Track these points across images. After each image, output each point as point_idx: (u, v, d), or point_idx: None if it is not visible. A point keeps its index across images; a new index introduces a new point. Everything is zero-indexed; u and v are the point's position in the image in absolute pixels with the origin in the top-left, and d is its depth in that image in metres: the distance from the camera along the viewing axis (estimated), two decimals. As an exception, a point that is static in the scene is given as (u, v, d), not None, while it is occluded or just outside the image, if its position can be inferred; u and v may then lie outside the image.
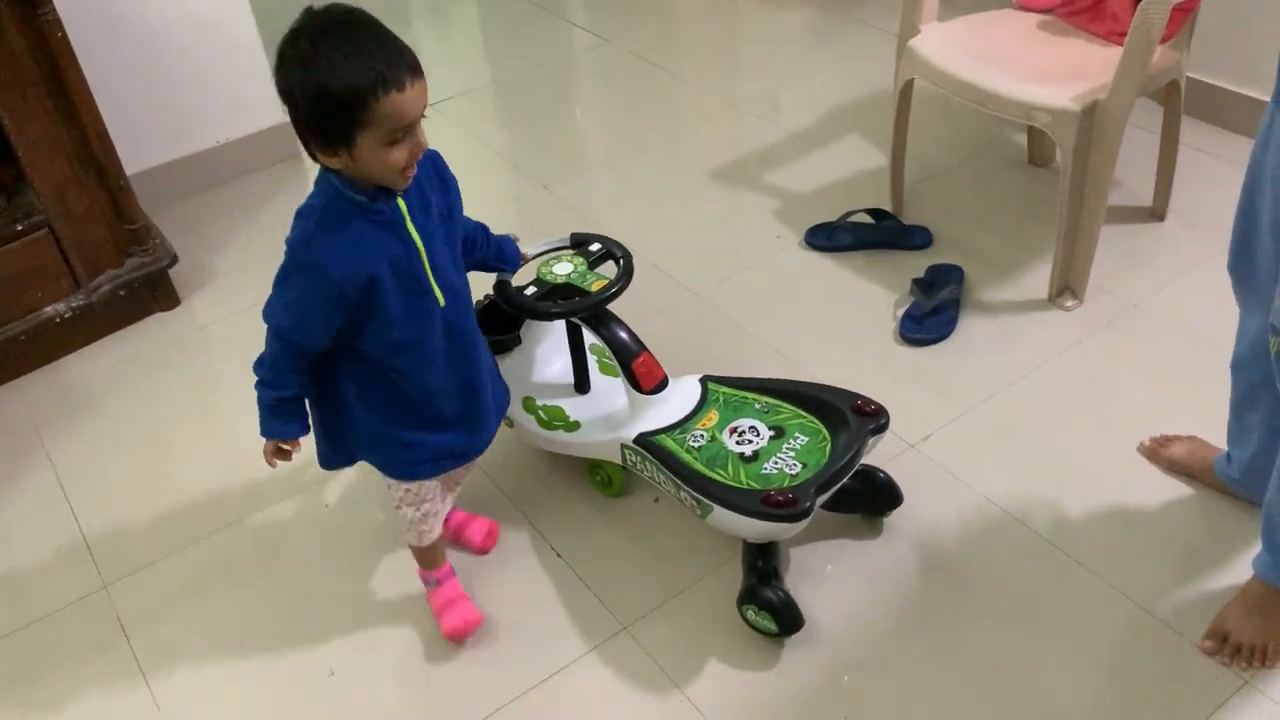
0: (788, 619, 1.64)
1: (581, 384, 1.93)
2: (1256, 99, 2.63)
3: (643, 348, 1.78)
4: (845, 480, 1.65)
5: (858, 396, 1.73)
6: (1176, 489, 1.85)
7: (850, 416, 1.69)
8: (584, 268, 1.82)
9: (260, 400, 1.48)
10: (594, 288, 1.76)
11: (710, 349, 2.24)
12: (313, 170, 1.39)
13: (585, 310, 1.76)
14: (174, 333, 2.46)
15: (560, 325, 1.94)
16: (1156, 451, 1.90)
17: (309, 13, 1.26)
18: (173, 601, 1.85)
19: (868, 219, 2.50)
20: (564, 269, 1.82)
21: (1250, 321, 1.58)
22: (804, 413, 1.75)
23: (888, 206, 2.55)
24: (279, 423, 1.49)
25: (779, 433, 1.72)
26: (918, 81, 2.33)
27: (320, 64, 1.22)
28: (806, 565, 1.78)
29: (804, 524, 1.58)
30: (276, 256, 1.41)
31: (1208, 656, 1.59)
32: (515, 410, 1.90)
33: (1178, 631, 1.63)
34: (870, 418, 1.69)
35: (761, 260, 2.50)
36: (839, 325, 2.29)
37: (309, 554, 1.91)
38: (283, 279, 1.40)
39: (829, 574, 1.77)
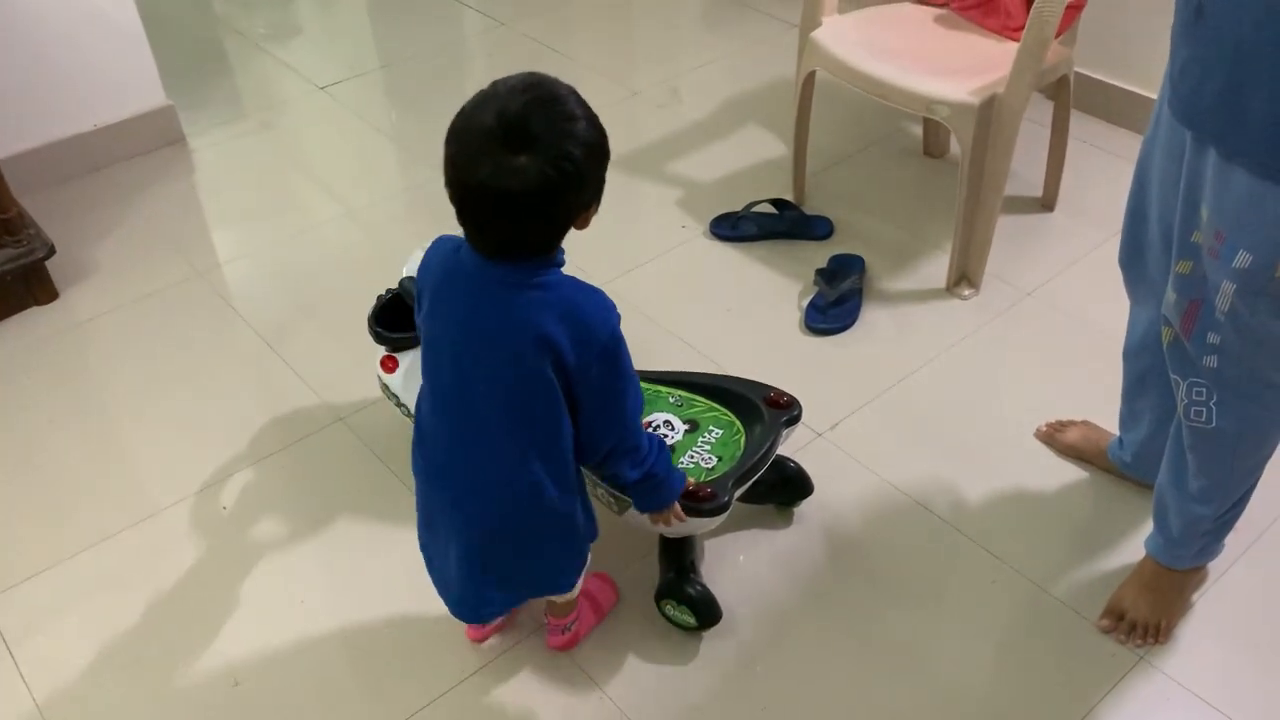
0: (706, 613, 1.65)
1: None
2: (1138, 94, 2.74)
3: None
4: (764, 468, 1.66)
5: (770, 389, 1.74)
6: (1072, 472, 1.92)
7: (764, 409, 1.70)
8: None
9: (667, 480, 1.46)
10: None
11: (618, 340, 2.23)
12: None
13: None
14: (52, 328, 2.33)
15: None
16: (1052, 436, 1.97)
17: (543, 79, 1.23)
18: (60, 615, 1.76)
19: (771, 209, 2.52)
20: None
21: (1141, 313, 1.65)
22: (717, 406, 1.75)
23: (790, 196, 2.57)
24: (675, 476, 1.48)
25: (693, 426, 1.72)
26: (817, 72, 2.35)
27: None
28: (719, 556, 1.79)
29: (723, 518, 1.59)
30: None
31: (1105, 634, 1.66)
32: None
33: (1075, 610, 1.70)
34: (783, 409, 1.70)
35: (667, 250, 2.50)
36: (745, 315, 2.31)
37: (206, 560, 1.84)
38: (620, 358, 1.33)
39: (741, 564, 1.78)
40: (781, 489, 1.83)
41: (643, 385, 1.77)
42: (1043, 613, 1.70)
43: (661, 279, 2.41)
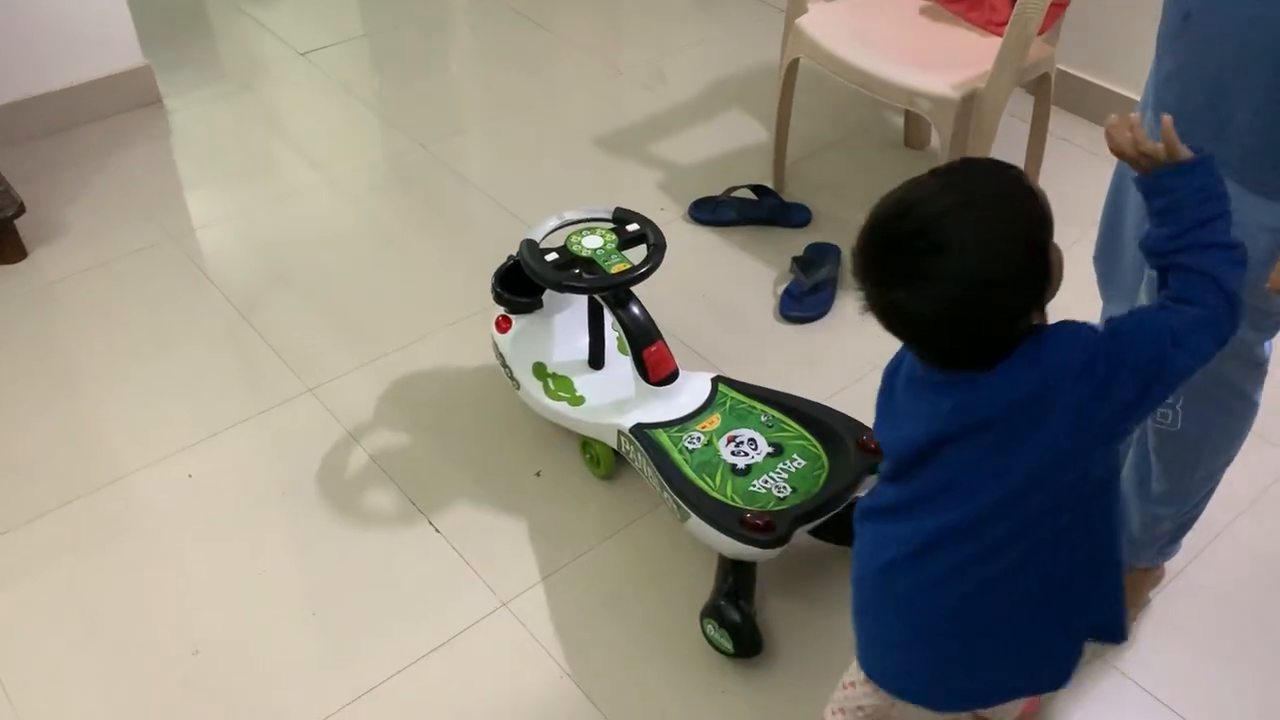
0: (748, 644, 1.59)
1: (596, 360, 1.88)
2: (1120, 93, 2.75)
3: (657, 336, 1.73)
4: (833, 512, 1.61)
5: (866, 430, 1.66)
6: (1037, 469, 1.94)
7: (852, 450, 1.64)
8: (613, 246, 1.76)
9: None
10: (614, 269, 1.71)
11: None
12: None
13: (596, 290, 1.71)
14: (19, 288, 2.30)
15: (583, 296, 1.87)
16: (1020, 433, 1.98)
17: (982, 168, 1.14)
18: (19, 579, 1.74)
19: (750, 195, 2.52)
20: (593, 243, 1.77)
21: (1113, 313, 1.65)
22: (808, 435, 1.69)
23: (770, 183, 2.57)
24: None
25: (777, 450, 1.67)
26: (801, 59, 2.34)
27: (1042, 205, 1.08)
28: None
29: (777, 552, 1.54)
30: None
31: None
32: (523, 374, 1.86)
33: (1035, 605, 1.71)
34: (872, 455, 1.62)
35: (644, 232, 2.49)
36: (721, 300, 2.31)
37: (170, 526, 1.83)
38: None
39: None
40: None
41: (738, 397, 1.76)
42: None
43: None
